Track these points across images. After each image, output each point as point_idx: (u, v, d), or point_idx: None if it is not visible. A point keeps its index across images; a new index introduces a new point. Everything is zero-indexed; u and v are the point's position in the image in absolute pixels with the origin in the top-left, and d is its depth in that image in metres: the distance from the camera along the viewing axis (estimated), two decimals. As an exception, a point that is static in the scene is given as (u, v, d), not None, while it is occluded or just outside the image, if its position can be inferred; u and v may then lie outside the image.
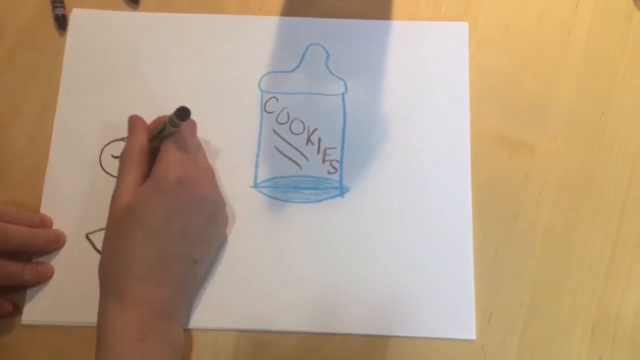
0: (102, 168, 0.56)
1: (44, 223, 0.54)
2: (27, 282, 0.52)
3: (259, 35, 0.59)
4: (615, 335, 0.51)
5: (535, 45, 0.59)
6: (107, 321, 0.46)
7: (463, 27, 0.59)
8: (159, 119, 0.53)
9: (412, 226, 0.54)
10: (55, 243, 0.54)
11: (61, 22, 0.60)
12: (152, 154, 0.51)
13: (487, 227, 0.54)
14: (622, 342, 0.51)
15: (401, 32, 0.59)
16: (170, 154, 0.49)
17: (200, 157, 0.53)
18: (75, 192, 0.55)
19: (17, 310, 0.52)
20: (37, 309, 0.52)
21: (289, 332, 0.52)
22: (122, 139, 0.56)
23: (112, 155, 0.56)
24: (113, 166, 0.55)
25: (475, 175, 0.55)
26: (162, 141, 0.50)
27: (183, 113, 0.46)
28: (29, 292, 0.52)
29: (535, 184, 0.55)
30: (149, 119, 0.54)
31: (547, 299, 0.52)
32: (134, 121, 0.53)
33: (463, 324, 0.51)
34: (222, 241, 0.53)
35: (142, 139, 0.51)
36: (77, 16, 0.60)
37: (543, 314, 0.52)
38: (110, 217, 0.49)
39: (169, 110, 0.48)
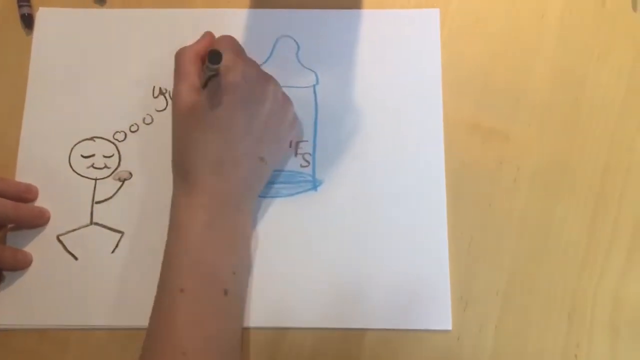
0: (72, 168, 0.55)
1: (30, 191, 0.54)
2: (2, 263, 0.52)
3: (228, 28, 0.58)
4: (593, 321, 0.51)
5: (507, 31, 0.59)
6: (179, 212, 0.49)
7: (434, 13, 0.59)
8: (208, 34, 0.55)
9: (387, 217, 0.54)
10: (39, 219, 0.53)
11: (27, 21, 0.59)
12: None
13: (461, 216, 0.54)
14: (600, 328, 0.51)
15: (372, 21, 0.59)
16: (231, 55, 0.49)
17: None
18: (45, 194, 0.55)
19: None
20: (8, 313, 0.51)
21: (254, 328, 0.51)
22: (91, 139, 0.56)
23: (82, 155, 0.55)
24: (82, 166, 0.55)
25: (449, 164, 0.55)
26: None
27: (215, 56, 0.46)
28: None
29: (510, 171, 0.55)
30: (119, 118, 0.55)
31: (523, 287, 0.52)
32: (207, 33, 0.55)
33: (439, 315, 0.51)
34: (288, 141, 0.55)
35: (194, 50, 0.53)
36: (43, 15, 0.60)
37: (519, 302, 0.52)
38: (175, 116, 0.51)
39: (140, 107, 0.49)
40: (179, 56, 0.52)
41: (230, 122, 0.49)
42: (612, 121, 0.56)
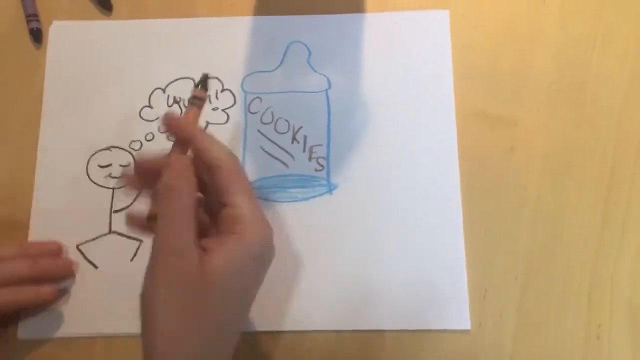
0: (90, 178, 0.55)
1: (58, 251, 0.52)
2: (24, 306, 0.51)
3: (238, 36, 0.59)
4: (612, 301, 0.51)
5: (510, 18, 0.59)
6: None
7: (444, 15, 0.59)
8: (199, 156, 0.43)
9: (402, 217, 0.54)
10: (46, 299, 0.51)
11: (37, 36, 0.59)
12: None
13: (476, 205, 0.54)
14: (619, 307, 0.51)
15: (382, 24, 0.59)
16: (253, 212, 0.40)
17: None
18: (64, 205, 0.55)
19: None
20: (32, 324, 0.51)
21: (272, 332, 0.51)
22: (107, 149, 0.56)
23: (99, 165, 0.56)
24: (100, 176, 0.55)
25: (461, 156, 0.55)
26: (220, 177, 0.41)
27: (203, 81, 0.43)
28: (22, 307, 0.52)
29: (521, 157, 0.55)
30: (134, 127, 0.55)
31: (540, 271, 0.52)
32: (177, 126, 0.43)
33: (458, 314, 0.51)
34: None
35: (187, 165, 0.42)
36: (56, 28, 0.60)
37: (538, 286, 0.52)
38: (175, 287, 0.38)
39: (154, 116, 0.48)
40: (165, 200, 0.40)
41: (242, 299, 0.41)
42: (620, 101, 0.56)
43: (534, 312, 0.51)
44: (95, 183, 0.55)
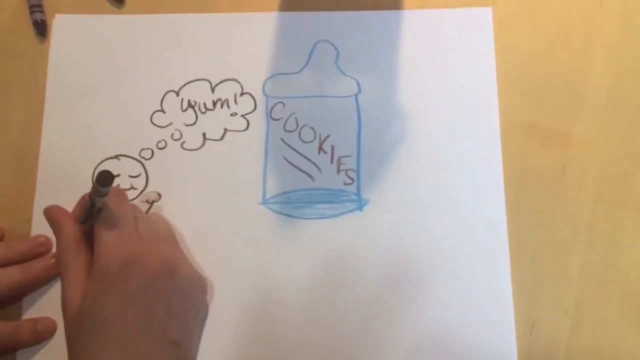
0: (95, 190, 0.51)
1: (41, 244, 0.50)
2: (22, 344, 0.48)
3: (260, 33, 0.55)
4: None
5: (564, 21, 0.55)
6: None
7: (486, 12, 0.55)
8: (83, 198, 0.48)
9: (441, 237, 0.50)
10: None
11: (40, 28, 0.55)
12: (91, 235, 0.46)
13: (523, 229, 0.50)
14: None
15: (418, 22, 0.55)
16: (105, 237, 0.44)
17: (142, 225, 0.47)
18: (67, 217, 0.51)
19: None
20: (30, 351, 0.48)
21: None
22: (115, 157, 0.52)
23: (106, 175, 0.52)
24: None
25: (507, 172, 0.52)
26: (95, 220, 0.45)
27: (105, 178, 0.41)
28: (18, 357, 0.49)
29: (574, 177, 0.52)
30: (145, 134, 0.52)
31: (594, 305, 0.49)
32: (53, 213, 0.48)
33: (503, 349, 0.47)
34: (204, 309, 0.49)
35: (70, 230, 0.46)
36: (60, 22, 0.56)
37: (590, 322, 0.49)
38: (66, 326, 0.44)
39: (167, 122, 0.45)
40: (58, 252, 0.46)
41: (125, 321, 0.42)
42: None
43: (585, 351, 0.48)
44: (101, 195, 0.51)
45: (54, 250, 0.50)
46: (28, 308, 0.49)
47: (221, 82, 0.54)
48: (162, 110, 0.53)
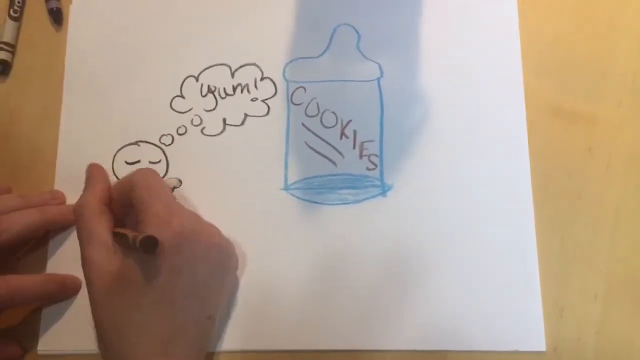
0: (116, 176, 0.51)
1: (55, 198, 0.50)
2: (50, 297, 0.48)
3: (279, 17, 0.54)
4: None
5: (589, 3, 0.53)
6: None
7: None
8: (120, 183, 0.48)
9: (465, 224, 0.49)
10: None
11: (57, 16, 0.55)
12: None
13: (550, 213, 0.49)
14: None
15: (440, 4, 0.54)
16: (156, 206, 0.43)
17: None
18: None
19: (23, 353, 0.48)
20: (53, 338, 0.48)
21: (330, 350, 0.47)
22: (135, 143, 0.52)
23: (126, 162, 0.51)
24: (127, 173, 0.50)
25: (532, 155, 0.50)
26: (135, 194, 0.44)
27: (150, 245, 0.40)
28: (43, 320, 0.48)
29: (601, 158, 0.50)
30: (165, 119, 0.51)
31: (623, 289, 0.47)
32: (94, 170, 0.49)
33: (531, 333, 0.46)
34: (236, 286, 0.48)
35: (100, 189, 0.47)
36: (77, 8, 0.55)
37: (620, 306, 0.47)
38: (94, 292, 0.43)
39: (187, 107, 0.44)
40: (80, 216, 0.45)
41: (172, 292, 0.42)
42: None
43: (616, 336, 0.47)
44: (122, 181, 0.51)
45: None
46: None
47: (241, 67, 0.53)
48: (182, 96, 0.53)
